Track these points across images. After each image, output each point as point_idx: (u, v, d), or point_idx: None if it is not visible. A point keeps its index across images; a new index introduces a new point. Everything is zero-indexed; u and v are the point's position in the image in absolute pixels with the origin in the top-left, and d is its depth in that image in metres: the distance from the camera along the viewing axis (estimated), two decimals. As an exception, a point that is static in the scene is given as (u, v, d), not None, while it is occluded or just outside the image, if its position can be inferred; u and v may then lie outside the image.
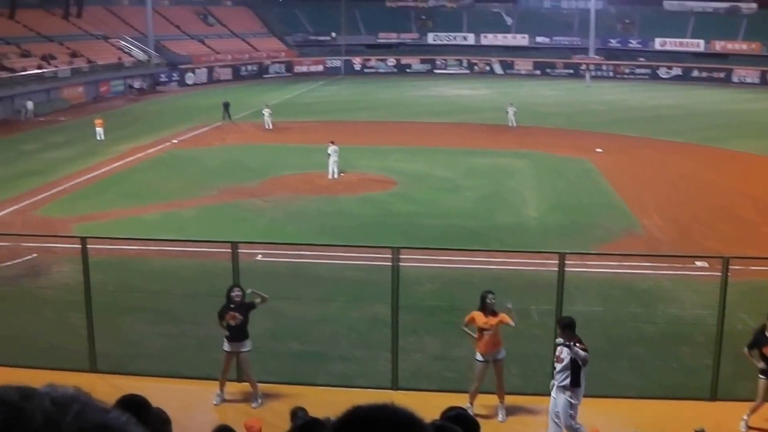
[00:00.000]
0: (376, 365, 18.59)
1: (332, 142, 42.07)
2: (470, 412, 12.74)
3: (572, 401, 14.94)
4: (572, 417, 15.05)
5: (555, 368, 15.17)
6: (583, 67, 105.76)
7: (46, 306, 22.79)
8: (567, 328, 14.98)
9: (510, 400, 16.38)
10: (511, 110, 60.79)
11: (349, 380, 17.76)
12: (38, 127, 64.43)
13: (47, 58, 79.99)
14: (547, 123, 61.83)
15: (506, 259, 24.97)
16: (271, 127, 59.39)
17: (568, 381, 14.89)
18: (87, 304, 18.43)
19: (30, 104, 70.94)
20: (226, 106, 64.73)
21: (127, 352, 19.84)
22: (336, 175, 41.39)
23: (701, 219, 33.91)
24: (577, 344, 14.79)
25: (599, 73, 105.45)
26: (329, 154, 41.56)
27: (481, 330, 15.96)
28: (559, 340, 15.00)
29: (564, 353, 14.86)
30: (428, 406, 10.73)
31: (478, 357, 16.15)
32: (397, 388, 17.28)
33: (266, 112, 60.41)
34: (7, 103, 70.83)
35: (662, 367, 18.72)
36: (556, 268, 17.35)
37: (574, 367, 14.82)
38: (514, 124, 59.96)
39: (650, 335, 19.93)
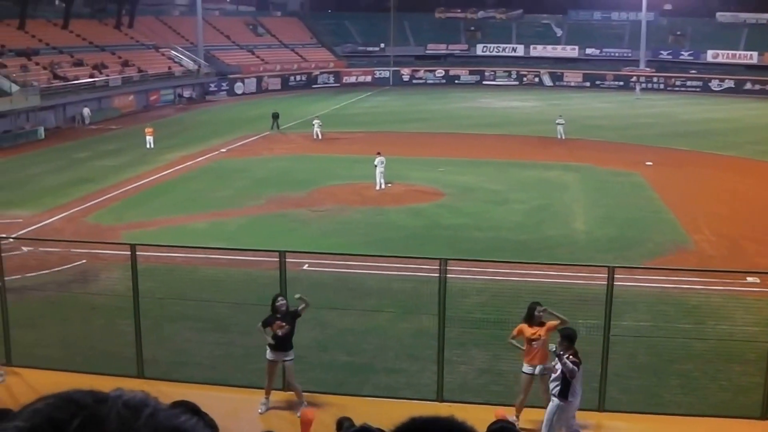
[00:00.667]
0: (422, 377, 18.53)
1: (379, 153, 42.06)
2: (516, 425, 12.65)
3: (559, 410, 14.96)
4: (551, 425, 15.04)
5: (550, 376, 15.23)
6: (634, 79, 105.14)
7: (95, 312, 22.97)
8: (566, 339, 14.94)
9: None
10: (560, 122, 60.55)
11: (395, 392, 17.70)
12: (90, 135, 65.16)
13: (99, 67, 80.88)
14: (597, 136, 61.46)
15: (554, 273, 24.77)
16: (320, 137, 59.52)
17: (557, 390, 14.89)
18: (135, 310, 18.54)
19: (86, 111, 72.37)
20: (275, 116, 65.13)
21: (175, 359, 19.94)
22: (383, 186, 41.38)
23: (753, 235, 33.44)
24: (571, 356, 14.71)
25: (650, 85, 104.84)
26: (376, 165, 41.56)
27: (530, 341, 15.83)
28: (552, 347, 14.93)
29: (558, 364, 14.84)
30: (473, 419, 10.62)
31: (525, 369, 16.03)
32: (443, 401, 17.20)
33: (316, 123, 60.63)
34: (60, 112, 71.69)
35: (712, 384, 18.43)
36: (605, 282, 17.18)
37: (565, 379, 14.77)
38: (563, 137, 59.69)
39: (700, 352, 19.63)
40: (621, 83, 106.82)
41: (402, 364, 19.64)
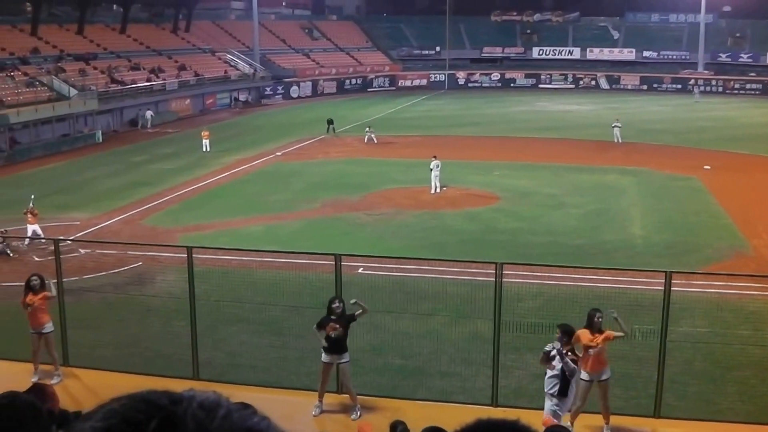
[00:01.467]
0: (477, 381, 18.45)
1: (435, 157, 42.01)
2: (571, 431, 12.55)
3: (557, 410, 14.81)
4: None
5: (546, 374, 15.06)
6: (692, 82, 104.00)
7: (151, 314, 23.17)
8: (566, 334, 14.90)
9: (613, 420, 16.06)
10: (616, 126, 60.03)
11: (449, 396, 17.63)
12: (146, 138, 65.85)
13: (156, 72, 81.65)
14: (654, 139, 60.84)
15: (611, 277, 24.58)
16: (375, 141, 59.47)
17: (556, 389, 14.79)
18: (191, 312, 18.67)
19: (149, 114, 74.09)
20: (330, 122, 65.35)
21: (230, 361, 20.04)
22: (438, 190, 41.32)
23: (813, 239, 32.97)
24: (569, 354, 14.68)
25: (708, 88, 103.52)
26: (432, 169, 41.52)
27: (587, 348, 15.66)
28: (556, 344, 14.80)
29: (556, 360, 14.74)
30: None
31: (583, 376, 15.83)
32: (497, 405, 17.11)
33: (368, 129, 60.68)
34: (117, 115, 72.53)
35: (771, 391, 18.17)
36: (662, 287, 16.98)
37: (564, 376, 14.68)
38: (620, 140, 59.17)
39: (758, 359, 19.32)
40: (679, 86, 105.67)
41: (456, 368, 19.57)
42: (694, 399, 17.66)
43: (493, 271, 17.57)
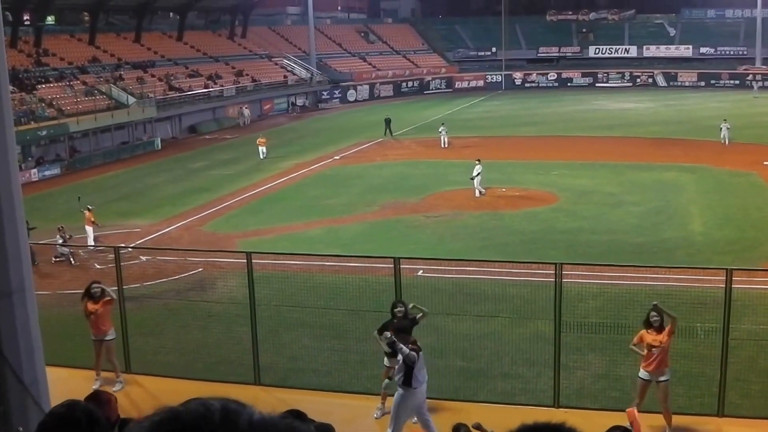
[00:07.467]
0: (538, 383, 18.36)
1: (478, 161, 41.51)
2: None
3: (403, 398, 15.12)
4: (398, 415, 15.18)
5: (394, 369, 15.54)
6: (750, 77, 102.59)
7: (213, 319, 23.28)
8: (401, 332, 15.22)
9: (676, 420, 15.87)
10: (724, 127, 58.47)
11: (511, 397, 17.57)
12: (205, 144, 66.42)
13: (213, 78, 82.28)
14: (714, 136, 59.97)
15: (672, 276, 24.35)
16: (446, 145, 58.76)
17: (401, 379, 15.04)
18: (252, 318, 18.74)
19: (247, 111, 77.30)
20: (388, 122, 65.26)
21: (291, 366, 20.11)
22: (478, 194, 40.85)
23: None
24: (410, 345, 14.90)
25: (767, 83, 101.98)
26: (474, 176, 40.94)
27: (651, 347, 15.47)
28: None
29: (400, 355, 15.07)
30: (591, 424, 10.42)
31: (642, 374, 15.69)
32: (559, 406, 17.01)
33: (442, 129, 59.91)
34: (176, 122, 73.24)
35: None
36: (723, 285, 16.76)
37: (407, 367, 14.88)
38: (727, 142, 56.92)
39: (825, 356, 19.05)
40: (737, 82, 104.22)
41: (518, 370, 19.48)
42: (758, 397, 17.42)
43: (553, 272, 17.46)
